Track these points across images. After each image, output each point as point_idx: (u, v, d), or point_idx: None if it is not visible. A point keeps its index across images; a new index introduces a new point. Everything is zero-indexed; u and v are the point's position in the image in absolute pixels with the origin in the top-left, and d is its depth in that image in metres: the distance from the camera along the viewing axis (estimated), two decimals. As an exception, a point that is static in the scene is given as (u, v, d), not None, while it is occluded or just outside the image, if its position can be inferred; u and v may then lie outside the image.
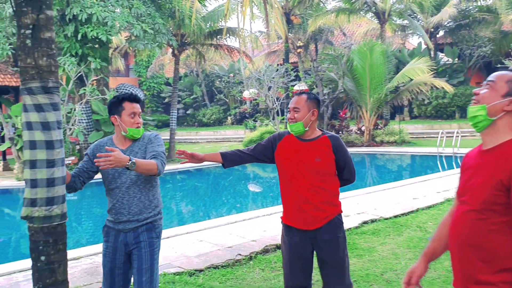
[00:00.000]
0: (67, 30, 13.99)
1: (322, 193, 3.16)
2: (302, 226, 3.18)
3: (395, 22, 27.67)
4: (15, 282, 4.89)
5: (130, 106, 3.11)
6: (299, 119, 3.17)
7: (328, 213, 3.16)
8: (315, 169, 3.15)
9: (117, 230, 3.13)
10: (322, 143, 3.19)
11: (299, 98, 3.24)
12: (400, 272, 4.81)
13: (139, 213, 3.09)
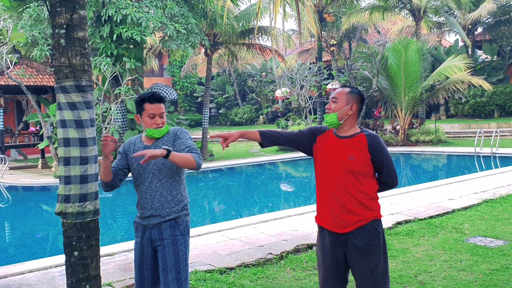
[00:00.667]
0: (102, 31, 14.27)
1: (355, 195, 2.94)
2: (333, 228, 3.00)
3: (431, 19, 27.05)
4: (51, 276, 5.02)
5: (149, 107, 3.07)
6: (334, 110, 2.99)
7: (360, 217, 2.93)
8: (348, 168, 2.94)
9: (144, 226, 3.15)
10: (358, 141, 2.97)
11: (341, 89, 3.07)
12: (435, 274, 4.68)
13: (161, 207, 3.07)
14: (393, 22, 30.12)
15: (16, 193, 13.56)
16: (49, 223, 10.25)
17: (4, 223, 10.58)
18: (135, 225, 3.27)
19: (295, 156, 18.43)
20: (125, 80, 14.95)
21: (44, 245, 8.35)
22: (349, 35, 27.20)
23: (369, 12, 22.55)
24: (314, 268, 5.06)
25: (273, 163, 18.02)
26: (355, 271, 3.00)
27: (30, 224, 10.07)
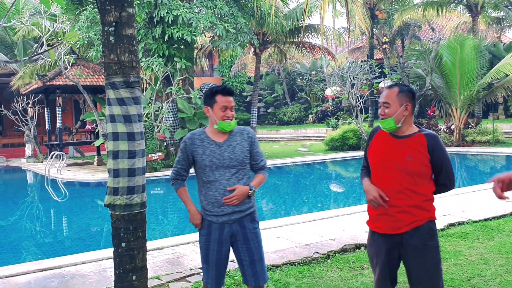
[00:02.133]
0: (155, 31, 14.62)
1: (412, 196, 2.88)
2: (386, 230, 2.96)
3: (489, 14, 25.93)
4: (102, 268, 5.19)
5: (222, 99, 3.07)
6: (389, 115, 2.90)
7: (417, 217, 2.88)
8: (405, 169, 2.87)
9: (221, 223, 3.13)
10: (416, 141, 2.89)
11: (389, 91, 2.96)
12: (489, 278, 4.48)
13: (242, 203, 3.12)
14: (449, 18, 29.12)
15: (73, 189, 14.13)
16: (103, 217, 10.62)
17: (62, 217, 11.05)
18: (205, 224, 3.19)
19: (345, 156, 18.18)
20: (176, 80, 15.26)
21: (98, 238, 8.66)
22: (401, 32, 26.53)
23: (423, 8, 21.91)
24: (361, 268, 4.96)
25: (322, 163, 17.86)
26: (411, 272, 2.95)
27: (85, 218, 10.47)
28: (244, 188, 3.08)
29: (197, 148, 3.12)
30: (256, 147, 3.24)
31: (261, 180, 3.23)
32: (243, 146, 3.15)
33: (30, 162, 21.04)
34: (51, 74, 18.15)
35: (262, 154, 3.29)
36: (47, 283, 4.78)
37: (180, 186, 3.18)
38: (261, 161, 3.26)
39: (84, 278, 4.89)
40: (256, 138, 3.27)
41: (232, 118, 3.14)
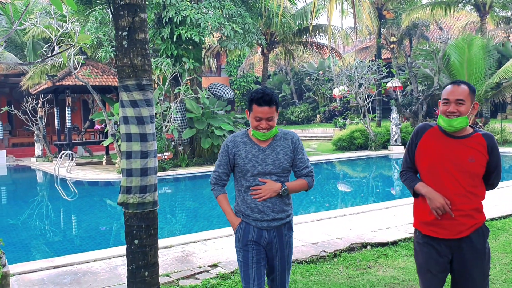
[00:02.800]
0: (163, 32, 14.75)
1: (472, 198, 2.78)
2: (446, 235, 2.82)
3: (498, 14, 25.83)
4: (113, 266, 5.30)
5: (256, 109, 2.93)
6: (464, 113, 2.76)
7: (476, 220, 2.79)
8: (467, 171, 2.77)
9: (259, 228, 3.06)
10: (477, 142, 2.79)
11: (461, 88, 2.81)
12: (494, 277, 4.54)
13: (282, 211, 3.05)
14: (457, 18, 29.03)
15: (82, 188, 14.29)
16: (112, 216, 10.76)
17: (72, 216, 11.20)
18: (243, 227, 3.09)
19: (352, 156, 18.22)
20: (185, 80, 15.38)
21: (108, 236, 8.79)
22: (409, 32, 26.50)
23: (431, 8, 21.88)
24: (368, 267, 5.04)
25: (330, 162, 17.90)
26: (466, 277, 2.85)
27: (95, 217, 10.60)
28: (275, 184, 2.99)
29: (240, 151, 3.03)
30: (300, 153, 3.10)
31: (300, 184, 3.10)
32: (286, 152, 3.04)
33: (39, 161, 21.27)
34: (60, 74, 18.35)
35: (306, 160, 3.12)
36: (60, 280, 4.90)
37: (220, 192, 3.12)
38: (304, 168, 3.11)
39: (96, 275, 5.00)
40: (301, 143, 3.14)
41: (270, 129, 2.98)
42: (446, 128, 2.81)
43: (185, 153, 16.01)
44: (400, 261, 5.17)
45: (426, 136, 2.92)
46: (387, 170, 16.95)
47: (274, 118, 2.98)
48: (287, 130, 3.13)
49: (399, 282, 4.54)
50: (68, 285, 4.75)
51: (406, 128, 19.62)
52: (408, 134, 19.46)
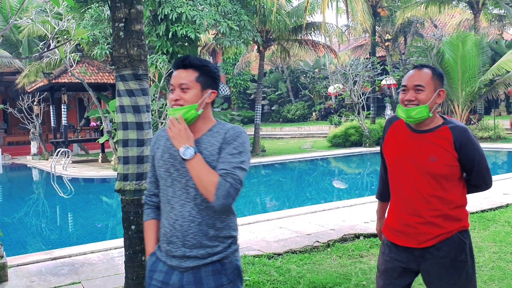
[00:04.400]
0: (159, 29, 14.78)
1: (436, 204, 2.36)
2: (406, 243, 2.44)
3: (491, 11, 26.01)
4: (111, 257, 5.39)
5: (173, 76, 2.12)
6: (423, 101, 2.31)
7: (443, 229, 2.36)
8: (429, 172, 2.34)
9: (170, 266, 2.08)
10: (441, 137, 2.33)
11: (422, 72, 2.37)
12: (482, 264, 4.65)
13: (198, 246, 2.03)
14: (451, 15, 29.21)
15: (78, 185, 14.35)
16: (108, 212, 10.83)
17: (68, 212, 11.27)
18: (152, 260, 2.17)
19: (347, 152, 18.36)
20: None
21: (104, 230, 8.87)
22: (404, 29, 26.66)
23: (425, 5, 22.02)
24: (360, 256, 5.14)
25: (325, 159, 18.02)
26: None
27: (91, 213, 10.68)
28: (188, 135, 1.98)
29: (159, 148, 2.19)
30: (229, 150, 2.02)
31: (208, 173, 1.95)
32: (212, 152, 2.04)
33: (35, 159, 21.28)
34: (56, 72, 18.37)
35: (232, 167, 1.97)
36: (58, 271, 4.98)
37: (147, 218, 2.23)
38: (225, 167, 1.97)
39: (93, 266, 5.09)
40: (240, 143, 2.05)
41: (182, 103, 2.04)
42: (405, 120, 2.39)
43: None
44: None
45: (392, 129, 2.53)
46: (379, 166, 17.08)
47: (193, 91, 2.06)
48: (232, 125, 2.14)
49: None
50: (66, 275, 4.83)
51: (401, 125, 19.75)
52: (402, 131, 19.60)
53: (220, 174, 1.94)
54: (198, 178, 1.94)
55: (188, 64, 2.10)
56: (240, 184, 1.96)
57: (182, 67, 2.10)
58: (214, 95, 2.13)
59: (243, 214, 8.52)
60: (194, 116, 2.05)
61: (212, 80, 2.13)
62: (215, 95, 2.14)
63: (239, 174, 1.96)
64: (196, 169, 1.95)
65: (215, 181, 1.91)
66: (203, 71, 2.09)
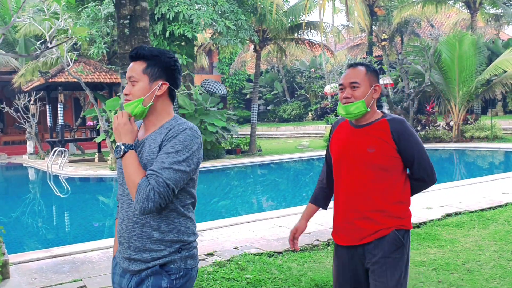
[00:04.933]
0: (156, 28, 14.77)
1: (375, 197, 2.38)
2: (349, 241, 2.47)
3: (488, 11, 26.13)
4: (110, 255, 5.37)
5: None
6: (359, 97, 2.41)
7: (381, 225, 2.37)
8: (366, 162, 2.38)
9: (123, 268, 2.04)
10: (378, 128, 2.40)
11: (356, 70, 2.46)
12: (483, 263, 4.67)
13: (142, 249, 1.95)
14: (447, 15, 29.31)
15: (74, 184, 14.31)
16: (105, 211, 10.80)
17: (65, 211, 11.23)
18: (114, 261, 2.15)
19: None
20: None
21: (102, 229, 8.85)
22: (401, 29, 26.71)
23: (422, 5, 22.07)
24: None
25: (322, 159, 18.02)
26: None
27: (89, 212, 10.66)
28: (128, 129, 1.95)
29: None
30: (166, 148, 1.89)
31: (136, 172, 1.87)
32: (153, 150, 1.94)
33: (31, 159, 21.20)
34: (53, 71, 18.30)
35: (162, 167, 1.85)
36: (59, 268, 4.96)
37: (116, 216, 2.25)
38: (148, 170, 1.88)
39: (94, 264, 5.07)
40: (181, 137, 1.91)
41: (129, 98, 1.97)
42: (345, 116, 2.47)
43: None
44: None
45: (337, 129, 2.61)
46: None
47: (141, 84, 1.98)
48: (183, 122, 1.99)
49: None
50: (67, 273, 4.81)
51: (398, 124, 19.80)
52: (399, 130, 19.65)
53: (146, 175, 1.85)
54: (126, 177, 1.88)
55: (136, 55, 2.00)
56: (165, 187, 1.82)
57: (132, 59, 2.02)
58: (165, 86, 1.99)
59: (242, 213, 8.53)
60: (141, 110, 1.95)
61: (164, 71, 2.00)
62: (166, 86, 2.00)
63: (166, 175, 1.83)
64: (126, 168, 1.88)
65: (136, 182, 1.83)
66: (151, 61, 1.98)
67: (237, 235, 6.05)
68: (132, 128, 1.95)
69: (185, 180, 1.91)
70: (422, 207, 7.13)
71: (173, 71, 2.01)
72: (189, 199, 2.02)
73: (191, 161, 1.90)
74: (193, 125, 1.98)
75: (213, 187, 13.08)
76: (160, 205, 1.83)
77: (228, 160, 16.46)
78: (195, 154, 1.93)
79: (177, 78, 2.04)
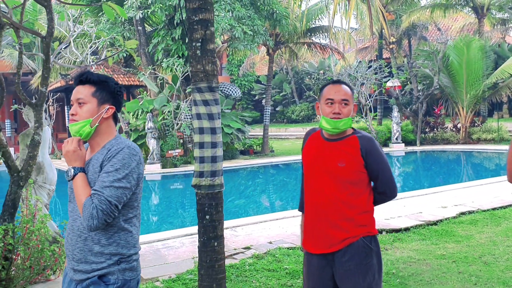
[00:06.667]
0: (174, 33, 15.29)
1: (343, 208, 2.53)
2: (317, 249, 2.61)
3: (495, 16, 26.55)
4: (156, 249, 5.90)
5: (73, 92, 2.17)
6: (347, 115, 2.56)
7: (350, 233, 2.52)
8: (337, 176, 2.53)
9: (70, 278, 2.20)
10: (350, 145, 2.55)
11: (346, 88, 2.60)
12: (498, 256, 5.15)
13: (84, 261, 2.10)
14: (454, 19, 29.70)
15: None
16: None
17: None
18: (66, 270, 2.28)
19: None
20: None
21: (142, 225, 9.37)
22: (408, 32, 27.17)
23: (430, 10, 22.53)
24: (385, 249, 5.63)
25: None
26: None
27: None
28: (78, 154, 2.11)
29: None
30: (107, 169, 2.06)
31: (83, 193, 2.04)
32: (95, 170, 2.10)
33: (49, 158, 21.72)
34: (73, 74, 18.84)
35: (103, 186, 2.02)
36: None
37: None
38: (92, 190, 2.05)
39: (142, 257, 5.56)
40: (120, 156, 2.07)
41: (75, 118, 2.13)
42: (329, 131, 2.59)
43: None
44: (414, 244, 5.78)
45: (309, 140, 2.75)
46: (389, 166, 17.60)
47: (89, 106, 2.12)
48: (122, 141, 2.15)
49: (415, 261, 5.15)
50: (120, 264, 5.31)
51: (407, 127, 20.29)
52: (408, 132, 20.16)
53: (90, 195, 2.02)
54: (76, 197, 2.06)
55: (85, 79, 2.13)
56: (107, 204, 1.98)
57: (80, 83, 2.15)
58: (111, 110, 2.16)
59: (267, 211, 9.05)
60: (89, 131, 2.11)
61: (110, 96, 2.16)
62: (112, 110, 2.16)
63: (107, 193, 1.99)
64: (75, 190, 2.06)
65: (82, 202, 2.01)
66: (100, 86, 2.14)
67: (269, 231, 6.55)
68: (82, 153, 2.11)
69: (128, 196, 2.07)
70: (437, 206, 7.63)
71: (118, 96, 2.20)
72: (132, 213, 2.15)
73: (131, 177, 2.06)
74: (132, 143, 2.14)
75: (234, 186, 13.61)
76: (105, 220, 1.99)
77: (243, 160, 16.95)
78: (134, 170, 2.08)
79: (121, 103, 2.23)
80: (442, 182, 12.94)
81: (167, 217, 10.49)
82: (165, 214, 10.89)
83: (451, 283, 4.47)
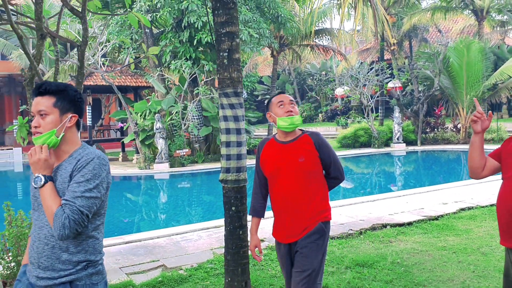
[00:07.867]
0: (182, 36, 15.69)
1: (306, 197, 2.96)
2: (285, 239, 3.03)
3: (494, 18, 26.96)
4: (175, 241, 6.30)
5: (32, 104, 2.15)
6: (297, 113, 3.05)
7: (311, 221, 2.95)
8: (300, 170, 2.95)
9: (29, 283, 2.20)
10: (305, 142, 3.00)
11: (289, 95, 3.16)
12: (495, 247, 5.56)
13: (51, 269, 2.12)
14: (455, 21, 30.11)
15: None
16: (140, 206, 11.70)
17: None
18: (22, 270, 2.31)
19: (357, 153, 19.26)
20: (200, 81, 16.36)
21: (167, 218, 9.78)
22: (409, 34, 27.58)
23: (431, 12, 22.94)
24: (389, 241, 6.05)
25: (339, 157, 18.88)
26: (298, 273, 2.95)
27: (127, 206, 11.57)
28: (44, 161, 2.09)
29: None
30: (77, 178, 2.08)
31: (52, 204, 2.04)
32: (64, 180, 2.11)
33: (57, 158, 22.14)
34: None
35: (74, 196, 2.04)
36: (135, 252, 5.88)
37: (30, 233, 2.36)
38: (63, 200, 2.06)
39: (164, 248, 5.99)
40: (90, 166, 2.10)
41: (39, 130, 2.13)
42: (287, 128, 2.99)
43: (201, 150, 16.99)
44: (417, 237, 6.19)
45: (265, 148, 3.12)
46: (390, 166, 18.03)
47: (52, 117, 2.13)
48: (91, 151, 2.17)
49: (418, 252, 5.56)
50: (144, 255, 5.73)
51: (408, 127, 20.72)
52: (409, 133, 20.58)
53: (61, 205, 2.02)
54: (45, 206, 2.05)
55: (44, 90, 2.12)
56: (79, 214, 2.01)
57: (39, 94, 2.12)
58: (74, 118, 2.18)
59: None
60: (55, 142, 2.12)
61: (71, 104, 2.16)
62: (75, 118, 2.18)
63: (79, 203, 2.02)
64: (44, 198, 2.05)
65: (53, 211, 2.01)
66: (60, 96, 2.12)
67: (280, 225, 6.95)
68: (52, 162, 2.12)
69: (98, 205, 2.11)
70: (438, 202, 8.04)
71: (79, 103, 2.20)
72: (99, 220, 2.19)
73: (101, 187, 2.10)
74: (100, 153, 2.16)
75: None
76: (76, 230, 2.02)
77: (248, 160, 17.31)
78: (104, 180, 2.12)
79: (82, 109, 2.24)
80: (443, 180, 13.36)
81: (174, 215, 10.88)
82: (172, 212, 11.30)
83: (451, 271, 4.88)
